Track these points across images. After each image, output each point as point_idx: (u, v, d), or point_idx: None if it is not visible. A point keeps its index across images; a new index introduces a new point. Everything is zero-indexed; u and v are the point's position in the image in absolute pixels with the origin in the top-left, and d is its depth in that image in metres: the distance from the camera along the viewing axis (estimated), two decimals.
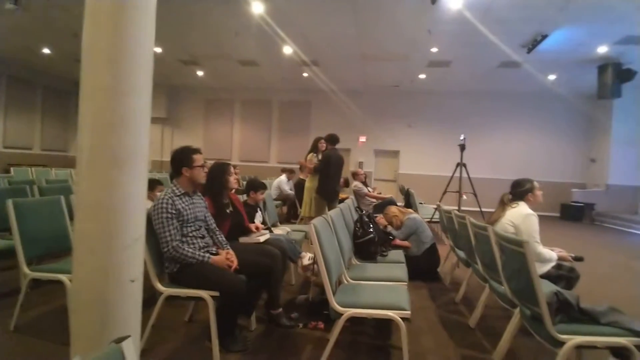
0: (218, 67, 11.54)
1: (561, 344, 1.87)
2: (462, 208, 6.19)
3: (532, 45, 8.03)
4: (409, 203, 7.83)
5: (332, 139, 5.42)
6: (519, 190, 2.94)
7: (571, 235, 8.65)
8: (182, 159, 2.46)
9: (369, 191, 7.52)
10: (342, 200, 4.87)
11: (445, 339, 2.79)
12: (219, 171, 2.94)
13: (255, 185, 3.80)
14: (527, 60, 9.09)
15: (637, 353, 1.86)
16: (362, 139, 13.47)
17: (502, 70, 10.10)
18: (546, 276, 2.72)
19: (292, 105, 14.10)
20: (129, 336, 0.89)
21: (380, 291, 2.41)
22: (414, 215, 4.46)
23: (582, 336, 1.88)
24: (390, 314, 2.07)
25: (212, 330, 2.21)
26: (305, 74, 11.69)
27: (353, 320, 2.49)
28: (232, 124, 14.54)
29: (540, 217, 2.93)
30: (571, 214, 11.32)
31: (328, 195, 5.25)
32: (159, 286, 2.28)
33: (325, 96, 13.52)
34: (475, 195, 6.59)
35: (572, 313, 1.99)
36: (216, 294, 2.23)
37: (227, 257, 2.41)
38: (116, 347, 0.86)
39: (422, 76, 11.24)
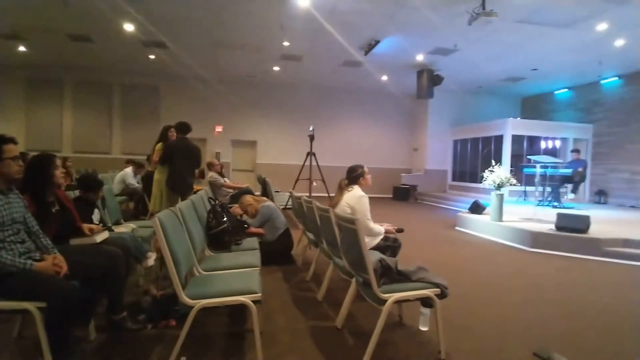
0: (41, 40, 9.51)
1: (384, 302, 2.26)
2: (313, 194, 6.69)
3: (369, 48, 9.12)
4: (266, 192, 8.06)
5: (182, 128, 5.12)
6: (353, 176, 3.35)
7: (400, 212, 10.29)
8: None
9: (225, 182, 7.42)
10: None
11: (296, 315, 3.03)
12: (40, 164, 2.50)
13: (87, 185, 3.31)
14: (366, 61, 10.29)
15: (436, 300, 2.39)
16: (219, 128, 13.13)
17: (346, 68, 11.18)
18: (376, 247, 3.21)
19: (137, 89, 12.71)
20: None
21: (232, 278, 2.46)
22: (268, 203, 4.64)
23: (399, 293, 2.31)
24: (241, 299, 2.14)
25: (42, 346, 1.93)
26: (151, 56, 10.65)
27: (208, 311, 2.47)
28: (62, 108, 12.26)
29: (377, 199, 3.45)
30: (400, 194, 13.48)
31: (180, 187, 4.97)
32: None
33: (177, 82, 12.65)
34: (323, 181, 7.20)
35: (392, 275, 2.42)
36: (43, 304, 1.93)
37: (54, 262, 2.09)
38: None
39: (277, 68, 11.56)
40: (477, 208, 7.61)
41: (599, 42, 8.20)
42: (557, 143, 11.30)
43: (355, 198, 3.23)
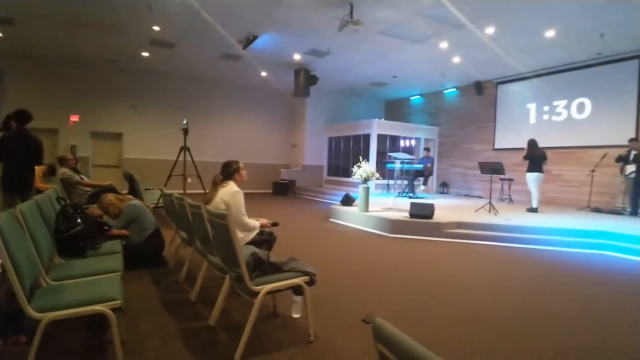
0: None
1: (257, 294, 2.34)
2: (188, 191, 6.39)
3: (247, 42, 9.05)
4: (134, 190, 7.37)
5: (20, 117, 4.30)
6: (228, 171, 3.35)
7: (279, 206, 10.55)
8: None
9: (82, 179, 6.53)
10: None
11: (166, 319, 2.88)
12: None
13: None
14: (245, 55, 10.18)
15: (306, 287, 2.57)
16: (74, 118, 11.38)
17: (224, 61, 10.88)
18: (252, 242, 3.27)
19: None
20: None
21: (87, 286, 2.23)
22: (134, 201, 4.27)
23: (271, 284, 2.42)
24: (98, 307, 1.96)
25: None
26: None
27: (64, 324, 2.22)
28: None
29: (257, 194, 3.48)
30: (280, 189, 13.79)
31: (18, 187, 4.19)
32: None
33: (24, 64, 10.56)
34: (199, 177, 6.93)
35: (264, 268, 2.51)
36: None
37: None
38: None
39: (145, 54, 10.56)
40: (347, 200, 8.31)
41: (442, 58, 9.75)
42: (413, 142, 13.08)
43: (230, 194, 3.23)
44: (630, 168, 7.82)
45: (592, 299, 3.64)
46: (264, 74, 12.23)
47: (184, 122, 7.08)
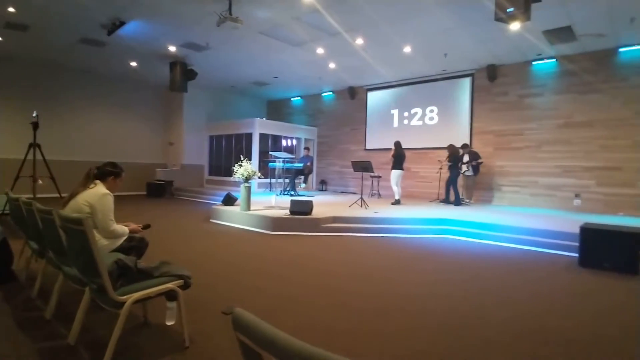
0: None
1: (122, 304, 2.20)
2: (40, 195, 5.50)
3: (112, 28, 8.15)
4: None
5: None
6: (108, 169, 3.05)
7: (154, 209, 9.80)
8: None
9: None
10: None
11: (20, 339, 2.51)
12: None
13: None
14: (110, 42, 9.13)
15: (179, 291, 2.51)
16: None
17: (85, 47, 9.57)
18: (120, 250, 3.02)
19: None
20: None
21: None
22: None
23: (138, 292, 2.30)
24: None
25: None
26: None
27: None
28: None
29: (128, 196, 3.20)
30: (155, 190, 12.77)
31: None
32: None
33: None
34: (53, 179, 6.02)
35: (131, 275, 2.38)
36: None
37: None
38: None
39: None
40: (229, 200, 8.20)
41: (319, 62, 10.34)
42: (294, 142, 13.56)
43: (97, 196, 2.91)
44: (464, 167, 9.59)
45: (437, 274, 4.39)
46: (134, 64, 11.15)
47: (34, 115, 6.05)
